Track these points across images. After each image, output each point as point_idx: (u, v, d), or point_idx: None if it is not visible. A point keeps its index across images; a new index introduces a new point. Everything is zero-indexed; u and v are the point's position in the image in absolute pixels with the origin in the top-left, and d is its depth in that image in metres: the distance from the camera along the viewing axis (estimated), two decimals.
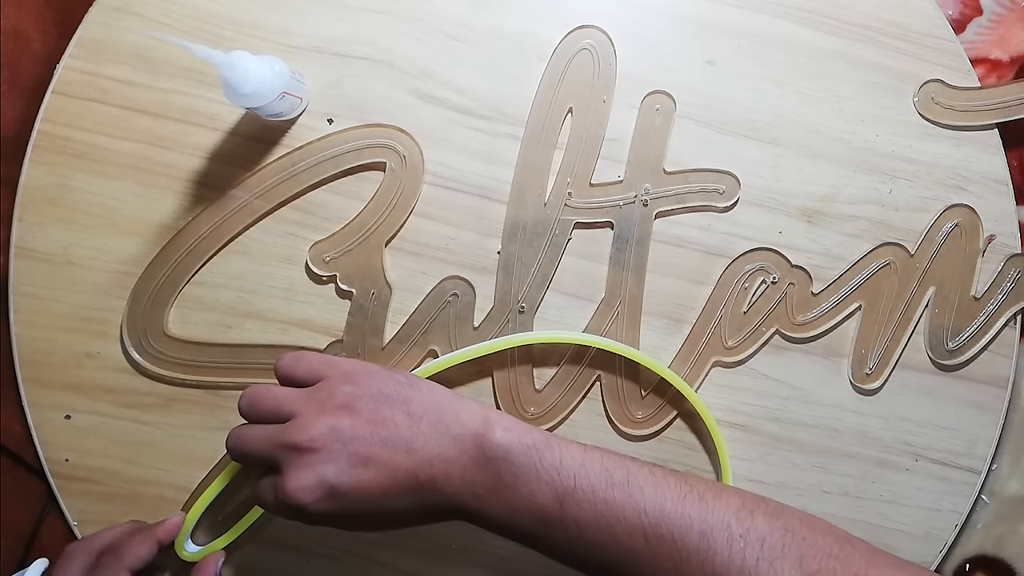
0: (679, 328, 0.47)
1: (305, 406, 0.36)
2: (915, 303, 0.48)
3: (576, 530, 0.34)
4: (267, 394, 0.37)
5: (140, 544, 0.41)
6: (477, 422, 0.36)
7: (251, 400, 0.37)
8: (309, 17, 0.45)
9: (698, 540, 0.33)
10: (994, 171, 0.48)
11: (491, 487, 0.35)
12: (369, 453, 0.35)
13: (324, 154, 0.45)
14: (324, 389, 0.37)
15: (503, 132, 0.46)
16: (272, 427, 0.36)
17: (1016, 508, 0.50)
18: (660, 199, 0.46)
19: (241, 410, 0.37)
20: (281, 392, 0.37)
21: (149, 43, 0.44)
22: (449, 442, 0.35)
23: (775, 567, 0.32)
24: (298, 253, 0.45)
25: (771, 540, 0.33)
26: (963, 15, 0.49)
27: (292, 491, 0.34)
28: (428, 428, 0.36)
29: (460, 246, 0.46)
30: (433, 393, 0.37)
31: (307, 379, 0.38)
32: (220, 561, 0.43)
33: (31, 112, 0.44)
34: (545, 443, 0.36)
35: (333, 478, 0.34)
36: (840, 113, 0.47)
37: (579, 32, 0.46)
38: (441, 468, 0.35)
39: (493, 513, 0.35)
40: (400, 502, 0.35)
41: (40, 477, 0.46)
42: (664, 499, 0.34)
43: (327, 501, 0.34)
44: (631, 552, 0.33)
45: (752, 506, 0.34)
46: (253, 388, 0.38)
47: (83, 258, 0.45)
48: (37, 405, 0.45)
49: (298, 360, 0.38)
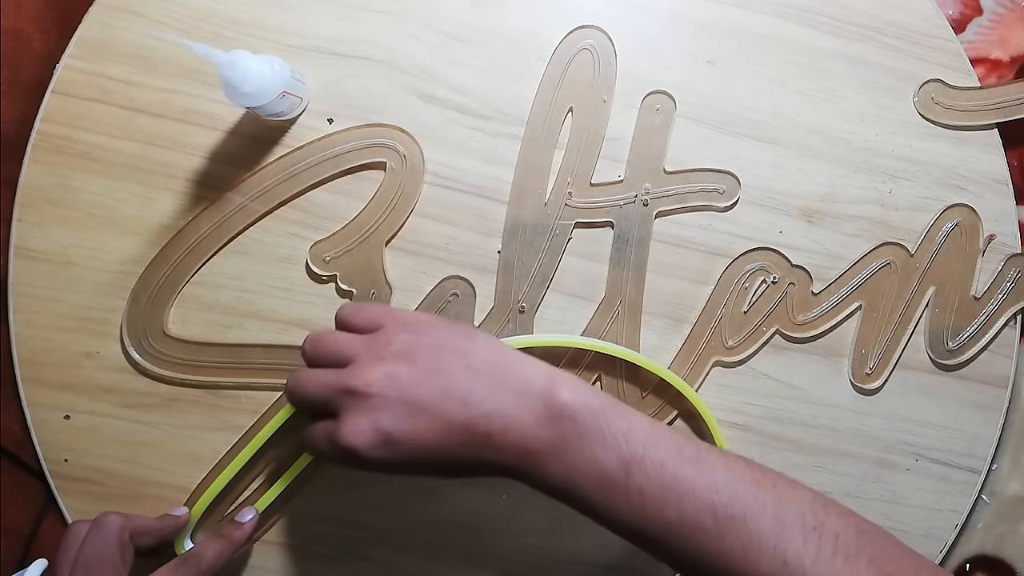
0: (679, 328, 0.47)
1: (364, 351, 0.36)
2: (915, 303, 0.48)
3: (639, 500, 0.33)
4: (329, 338, 0.37)
5: (149, 535, 0.41)
6: (542, 380, 0.35)
7: (313, 344, 0.37)
8: (309, 17, 0.45)
9: (771, 524, 0.32)
10: (994, 171, 0.48)
11: (553, 445, 0.34)
12: (424, 402, 0.34)
13: (324, 154, 0.45)
14: (383, 336, 0.36)
15: (503, 132, 0.46)
16: (330, 371, 0.36)
17: (1016, 508, 0.50)
18: (660, 199, 0.46)
19: (304, 353, 0.37)
20: (343, 337, 0.37)
21: (149, 43, 0.44)
22: (510, 398, 0.34)
23: (850, 563, 0.32)
24: (298, 253, 0.45)
25: (845, 537, 0.32)
26: (963, 15, 0.49)
27: (346, 435, 0.33)
28: (487, 382, 0.35)
29: (460, 246, 0.46)
30: (495, 348, 0.37)
31: (367, 327, 0.37)
32: (256, 520, 0.44)
33: (31, 112, 0.44)
34: (614, 409, 0.35)
35: (388, 425, 0.33)
36: (840, 113, 0.47)
37: (579, 32, 0.46)
38: (499, 423, 0.34)
39: (551, 473, 0.34)
40: (453, 454, 0.34)
41: (39, 477, 0.45)
42: (736, 481, 0.33)
43: (381, 448, 0.34)
44: (697, 528, 0.32)
45: (825, 502, 0.34)
46: (316, 332, 0.38)
47: (83, 258, 0.45)
48: (36, 405, 0.45)
49: (359, 309, 0.38)
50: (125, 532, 0.39)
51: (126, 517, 0.40)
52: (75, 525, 0.39)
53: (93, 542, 0.38)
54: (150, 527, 0.41)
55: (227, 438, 0.45)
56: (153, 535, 0.41)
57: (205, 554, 0.41)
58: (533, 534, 0.47)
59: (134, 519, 0.41)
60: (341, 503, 0.46)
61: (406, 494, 0.46)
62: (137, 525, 0.40)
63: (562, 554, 0.47)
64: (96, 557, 0.38)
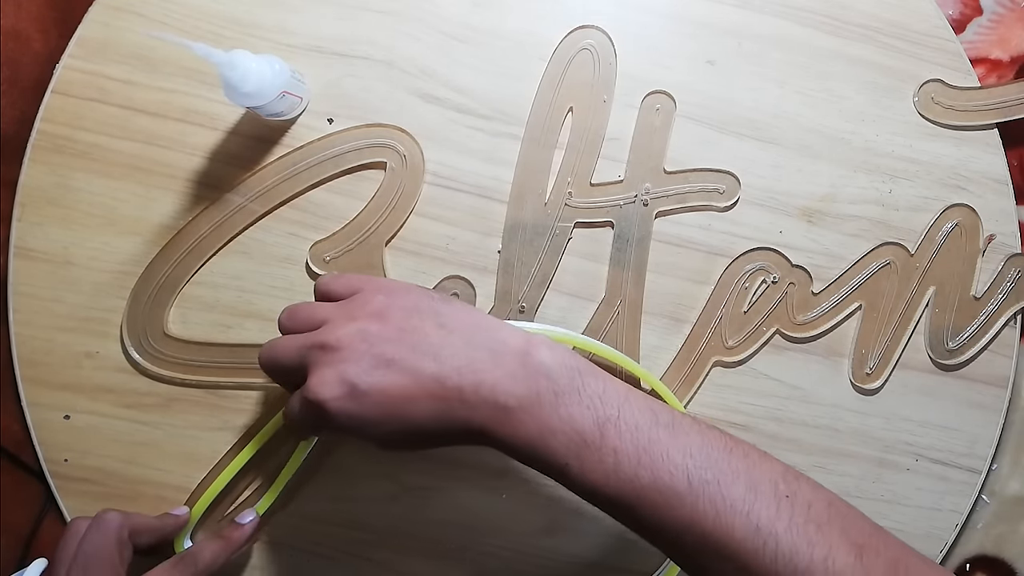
0: (679, 328, 0.47)
1: (337, 312, 0.36)
2: (915, 303, 0.48)
3: (613, 461, 0.33)
4: (305, 306, 0.37)
5: (149, 533, 0.41)
6: (518, 340, 0.35)
7: (289, 313, 0.37)
8: (309, 17, 0.45)
9: (744, 490, 0.32)
10: (994, 171, 0.48)
11: (527, 402, 0.33)
12: (394, 356, 0.34)
13: (324, 154, 0.45)
14: (358, 300, 0.36)
15: (503, 132, 0.46)
16: (303, 334, 0.36)
17: (1016, 508, 0.50)
18: (660, 199, 0.46)
19: (280, 324, 0.37)
20: (318, 304, 0.37)
21: (149, 43, 0.44)
22: (484, 355, 0.34)
23: (823, 531, 0.31)
24: (298, 253, 0.45)
25: (817, 507, 0.32)
26: (963, 15, 0.49)
27: (313, 387, 0.33)
28: (461, 341, 0.35)
29: (460, 246, 0.46)
30: (470, 312, 0.36)
31: (344, 293, 0.37)
32: (255, 522, 0.44)
33: (31, 112, 0.44)
34: (589, 370, 0.35)
35: (354, 376, 0.33)
36: (840, 113, 0.47)
37: (579, 32, 0.46)
38: (470, 378, 0.33)
39: (522, 432, 0.33)
40: (422, 410, 0.34)
41: (39, 477, 0.45)
42: (711, 447, 0.33)
43: (347, 400, 0.33)
44: (670, 491, 0.32)
45: (796, 473, 0.34)
46: (293, 304, 0.38)
47: (83, 258, 0.45)
48: (36, 405, 0.45)
49: (337, 277, 0.38)
50: (124, 530, 0.39)
51: (126, 515, 0.40)
52: (75, 522, 0.40)
53: (92, 539, 0.38)
54: (149, 526, 0.41)
55: (227, 438, 0.45)
56: (152, 534, 0.41)
57: (203, 554, 0.41)
58: (533, 534, 0.47)
59: (134, 517, 0.41)
60: (342, 503, 0.46)
61: (407, 494, 0.46)
62: (136, 523, 0.40)
63: (562, 554, 0.47)
64: (95, 554, 0.38)
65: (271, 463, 0.45)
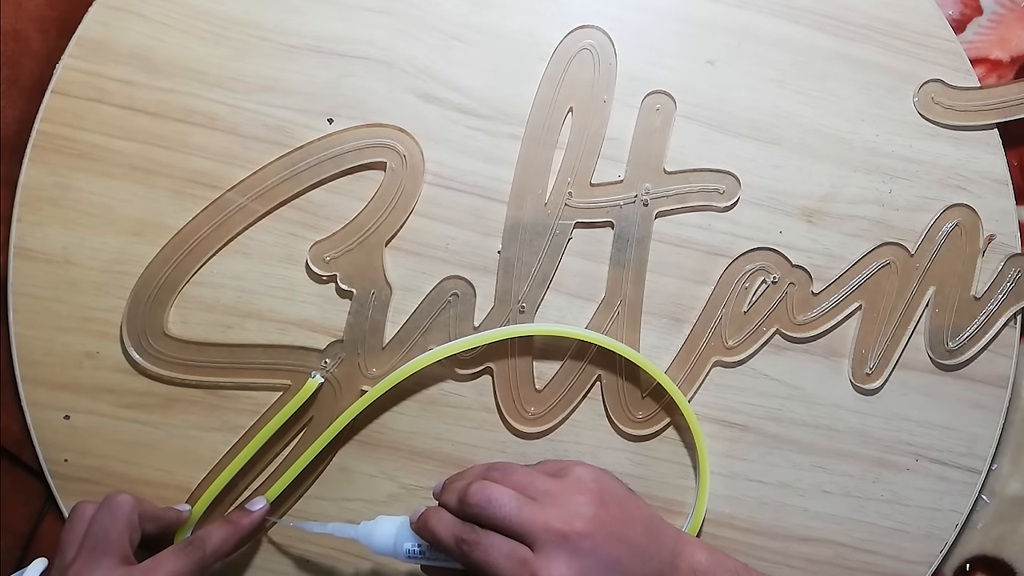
0: (679, 328, 0.47)
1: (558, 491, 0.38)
2: (915, 303, 0.48)
3: None
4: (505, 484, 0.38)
5: (154, 522, 0.41)
6: (673, 540, 0.40)
7: (488, 487, 0.38)
8: (309, 17, 0.45)
9: None
10: (994, 171, 0.48)
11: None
12: (620, 559, 0.36)
13: (324, 154, 0.45)
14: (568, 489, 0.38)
15: (503, 132, 0.46)
16: (532, 504, 0.37)
17: (1016, 508, 0.50)
18: (660, 199, 0.46)
19: (474, 498, 0.38)
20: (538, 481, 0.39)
21: (149, 43, 0.45)
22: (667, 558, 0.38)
23: None
24: (298, 253, 0.45)
25: None
26: (963, 15, 0.49)
27: (550, 572, 0.35)
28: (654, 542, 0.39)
29: (460, 246, 0.46)
30: (637, 501, 0.41)
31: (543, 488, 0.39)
32: (265, 509, 0.44)
33: (31, 112, 0.44)
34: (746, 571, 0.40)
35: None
36: (840, 113, 0.47)
37: (579, 32, 0.46)
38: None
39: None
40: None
41: (39, 477, 0.45)
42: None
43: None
44: None
45: None
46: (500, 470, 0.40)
47: (83, 258, 0.45)
48: (36, 405, 0.45)
49: (506, 470, 0.40)
50: (135, 513, 0.39)
51: (137, 499, 0.40)
52: (81, 505, 0.39)
53: (103, 520, 0.38)
54: (156, 514, 0.41)
55: (227, 438, 0.45)
56: (157, 522, 0.41)
57: (211, 538, 0.40)
58: None
59: (143, 502, 0.41)
60: (342, 503, 0.46)
61: (407, 494, 0.46)
62: (145, 509, 0.40)
63: None
64: (105, 536, 0.37)
65: (271, 463, 0.45)
